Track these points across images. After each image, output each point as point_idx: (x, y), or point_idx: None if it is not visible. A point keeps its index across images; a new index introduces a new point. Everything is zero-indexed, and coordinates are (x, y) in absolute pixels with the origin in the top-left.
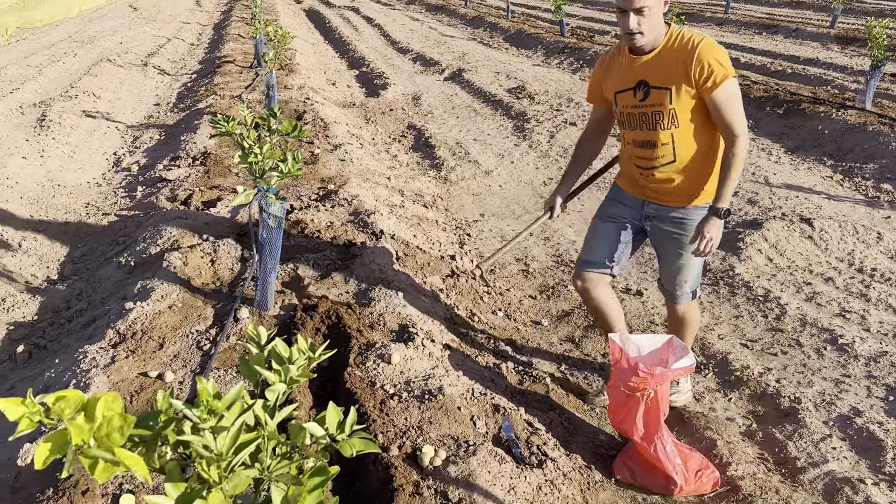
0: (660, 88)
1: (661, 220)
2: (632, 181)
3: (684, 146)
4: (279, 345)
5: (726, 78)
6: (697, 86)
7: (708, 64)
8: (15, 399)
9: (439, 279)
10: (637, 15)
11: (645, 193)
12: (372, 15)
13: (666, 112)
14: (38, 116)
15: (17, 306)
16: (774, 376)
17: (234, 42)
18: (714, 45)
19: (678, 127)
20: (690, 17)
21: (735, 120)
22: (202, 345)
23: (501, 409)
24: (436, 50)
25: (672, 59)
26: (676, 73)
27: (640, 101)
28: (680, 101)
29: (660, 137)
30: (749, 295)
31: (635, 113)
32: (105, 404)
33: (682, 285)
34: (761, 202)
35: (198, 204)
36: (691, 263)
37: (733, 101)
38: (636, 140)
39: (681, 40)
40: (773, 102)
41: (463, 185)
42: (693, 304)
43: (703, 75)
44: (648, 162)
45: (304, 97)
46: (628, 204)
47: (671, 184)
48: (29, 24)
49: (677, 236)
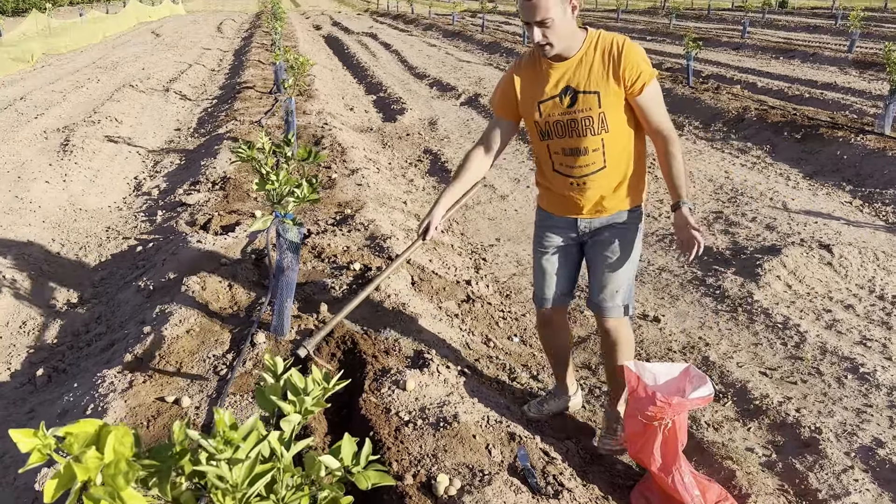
0: (587, 93)
1: (597, 232)
2: (560, 200)
3: (614, 151)
4: (295, 375)
5: (652, 77)
6: (626, 87)
7: (636, 64)
8: (27, 431)
9: (455, 304)
10: (541, 27)
11: (577, 210)
12: (390, 41)
13: (596, 116)
14: (62, 141)
15: (38, 330)
16: (794, 405)
17: (254, 68)
18: (637, 45)
19: (608, 131)
20: (707, 41)
21: (664, 118)
22: (219, 369)
23: (517, 437)
24: (452, 75)
25: (597, 62)
26: (603, 76)
27: (567, 107)
28: (609, 103)
29: (590, 143)
30: (768, 322)
31: (563, 120)
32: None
33: (613, 296)
34: (780, 228)
35: (217, 228)
36: (626, 269)
37: (659, 100)
38: (565, 149)
39: (603, 42)
40: (791, 127)
41: (479, 210)
42: (625, 322)
43: (633, 76)
44: (580, 170)
45: (323, 122)
46: (561, 226)
47: (603, 191)
48: (54, 50)
49: (609, 242)
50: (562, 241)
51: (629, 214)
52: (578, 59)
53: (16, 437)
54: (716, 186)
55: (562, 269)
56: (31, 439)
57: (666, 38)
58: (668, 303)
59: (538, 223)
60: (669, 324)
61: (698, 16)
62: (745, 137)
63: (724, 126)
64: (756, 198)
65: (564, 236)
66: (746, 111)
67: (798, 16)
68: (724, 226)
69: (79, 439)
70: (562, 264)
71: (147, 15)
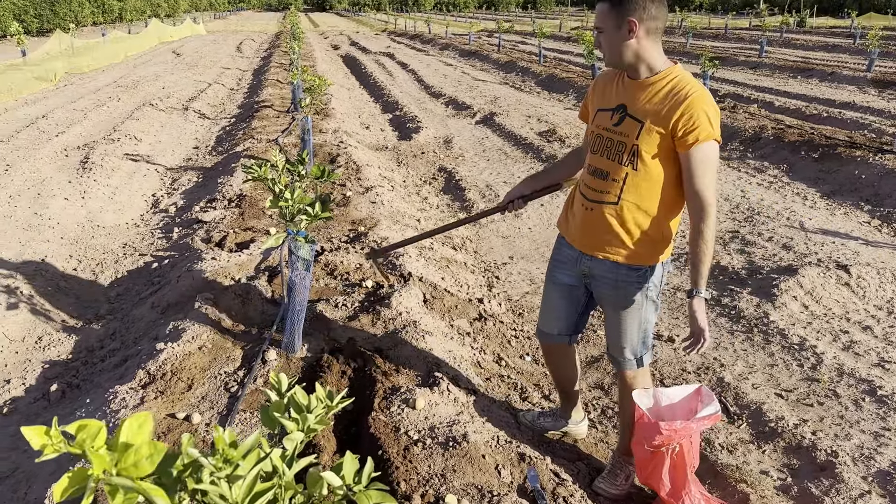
0: (633, 118)
1: (596, 280)
2: (570, 222)
3: (633, 195)
4: (298, 393)
5: (710, 138)
6: (675, 135)
7: (696, 116)
8: (39, 428)
9: (466, 322)
10: (597, 34)
11: (580, 241)
12: (406, 60)
13: (629, 146)
14: (81, 159)
15: (53, 345)
16: (810, 428)
17: (273, 87)
18: (710, 100)
19: (636, 170)
20: (724, 61)
21: (706, 186)
22: (230, 386)
23: (527, 457)
24: (468, 94)
25: (660, 96)
26: (656, 112)
27: (614, 124)
28: (647, 140)
29: (612, 171)
30: (784, 343)
31: (604, 136)
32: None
33: (622, 350)
34: (796, 248)
35: (231, 245)
36: (630, 326)
37: (710, 165)
38: (592, 166)
39: (677, 82)
40: (809, 146)
41: (492, 228)
42: (641, 375)
43: (687, 126)
44: (594, 193)
45: (339, 140)
46: (568, 263)
47: (605, 229)
48: (77, 69)
49: (611, 297)
50: (568, 279)
51: (634, 273)
52: (646, 84)
53: (28, 434)
54: (732, 205)
55: (564, 309)
56: (42, 437)
57: (683, 57)
58: (682, 323)
59: (553, 251)
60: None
61: (715, 35)
62: (761, 156)
63: (740, 145)
64: (773, 217)
65: (570, 274)
66: (763, 130)
67: (816, 35)
68: (741, 245)
69: (90, 434)
70: (564, 305)
71: (168, 35)
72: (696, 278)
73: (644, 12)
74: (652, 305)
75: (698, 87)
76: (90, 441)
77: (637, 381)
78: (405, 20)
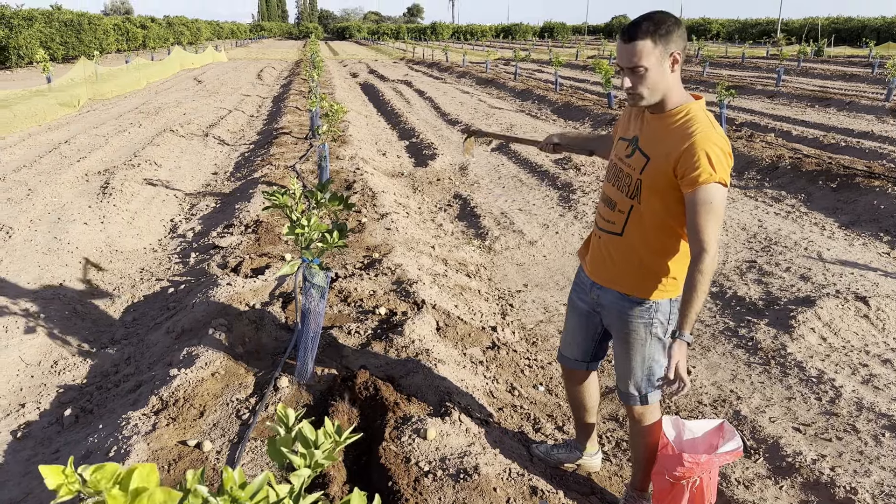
0: (642, 153)
1: (605, 308)
2: (587, 249)
3: (636, 228)
4: (305, 427)
5: (711, 181)
6: (677, 175)
7: (697, 158)
8: (56, 468)
9: (479, 351)
10: (632, 75)
11: (592, 270)
12: (424, 88)
13: (634, 180)
14: (102, 184)
15: (69, 369)
16: (829, 464)
17: (292, 114)
18: (716, 140)
19: (639, 204)
20: (741, 89)
21: (707, 229)
22: (241, 414)
23: (539, 491)
24: (484, 121)
25: (668, 132)
26: (661, 150)
27: (626, 156)
28: (650, 176)
29: (619, 201)
30: (802, 376)
31: (617, 165)
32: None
33: (626, 384)
34: (814, 278)
35: (247, 271)
36: (634, 360)
37: (709, 208)
38: (604, 194)
39: (686, 121)
40: (827, 176)
41: (507, 255)
42: (649, 411)
43: (686, 168)
44: (604, 222)
45: (355, 167)
46: (583, 289)
47: (611, 260)
48: (100, 95)
49: (617, 329)
50: (584, 306)
51: (637, 306)
52: (662, 118)
53: (45, 472)
54: (749, 235)
55: (579, 336)
56: (58, 476)
57: (699, 86)
58: (698, 353)
59: (576, 275)
60: (700, 375)
61: (732, 63)
62: (779, 186)
63: (757, 174)
64: (790, 247)
65: (586, 300)
66: (781, 159)
67: (834, 64)
68: (757, 275)
69: (106, 475)
70: (579, 331)
71: (190, 62)
72: (682, 321)
73: (683, 44)
74: (658, 343)
75: (706, 126)
76: (105, 482)
77: (646, 418)
78: (423, 48)
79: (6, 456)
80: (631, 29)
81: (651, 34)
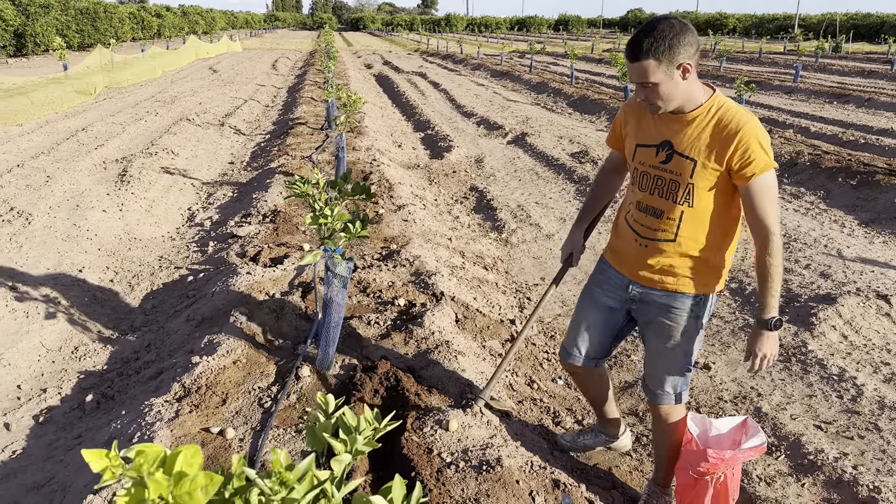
0: (684, 157)
1: (646, 305)
2: (620, 253)
3: (690, 230)
4: (347, 414)
5: (767, 168)
6: (732, 170)
7: (751, 149)
8: (99, 451)
9: (498, 343)
10: (643, 89)
11: (631, 271)
12: (439, 80)
13: (683, 184)
14: (120, 172)
15: (89, 355)
16: (851, 462)
17: (307, 105)
18: (760, 128)
19: (692, 206)
20: (759, 84)
21: (770, 214)
22: (263, 402)
23: (561, 484)
24: (500, 114)
25: (708, 131)
26: (707, 148)
27: (661, 162)
28: (702, 178)
29: (667, 209)
30: (823, 374)
31: (651, 174)
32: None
33: (663, 383)
34: (835, 276)
35: (266, 260)
36: (676, 356)
37: (770, 194)
38: (642, 203)
39: (724, 114)
40: (846, 173)
41: (524, 248)
42: (677, 410)
43: (743, 160)
44: (648, 231)
45: (371, 158)
46: (612, 285)
47: (660, 263)
48: (116, 83)
49: (661, 325)
50: (610, 302)
51: (690, 301)
52: (690, 119)
53: (88, 457)
54: None
55: (597, 331)
56: (102, 460)
57: (717, 81)
58: (718, 350)
59: (594, 272)
60: (720, 372)
61: (749, 59)
62: (798, 182)
63: (776, 170)
64: (810, 244)
65: (614, 296)
66: (799, 156)
67: (852, 60)
68: None
69: (148, 459)
70: (599, 327)
71: (205, 51)
72: (765, 308)
73: (693, 50)
74: (701, 335)
75: (746, 115)
76: (147, 466)
77: (672, 416)
78: (437, 40)
79: (28, 440)
80: (634, 48)
81: (653, 53)
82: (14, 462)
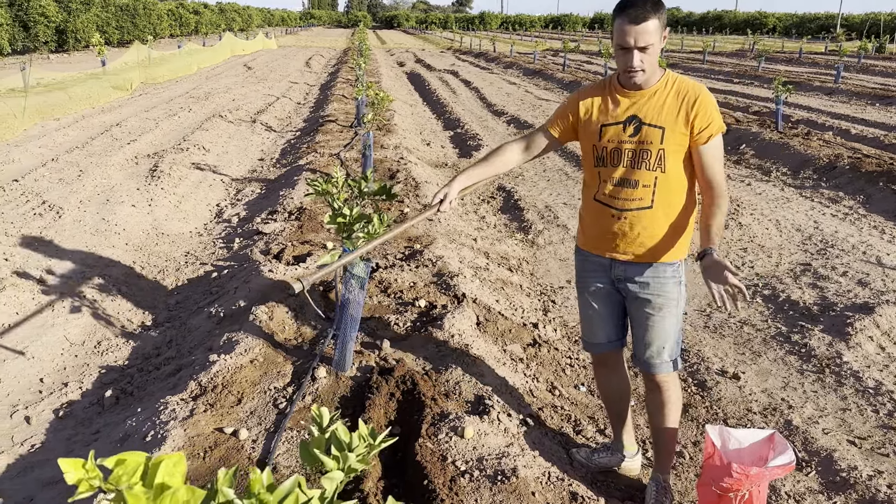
0: (653, 126)
1: (630, 282)
2: (596, 235)
3: (665, 194)
4: (340, 429)
5: (721, 129)
6: (692, 133)
7: (710, 112)
8: (76, 461)
9: (520, 348)
10: (641, 53)
11: (611, 248)
12: (470, 78)
13: (655, 151)
14: (151, 167)
15: (111, 350)
16: (886, 480)
17: (338, 102)
18: (711, 95)
19: (664, 172)
20: (798, 86)
21: (721, 174)
22: (278, 402)
23: (580, 497)
24: (530, 113)
25: (670, 100)
26: (673, 116)
27: (630, 135)
28: (672, 141)
29: (642, 178)
30: (858, 386)
31: (622, 148)
32: (167, 469)
33: (659, 352)
34: (873, 284)
35: (289, 258)
36: (669, 323)
37: (720, 156)
38: (616, 178)
39: (681, 84)
40: (888, 178)
41: (550, 250)
42: (673, 377)
43: (702, 124)
44: (624, 203)
45: (399, 157)
46: (598, 270)
47: (643, 232)
48: (152, 79)
49: (647, 296)
50: (603, 284)
51: (669, 268)
52: (652, 92)
53: (64, 466)
54: (804, 237)
55: (606, 314)
56: (78, 471)
57: (754, 81)
58: (749, 359)
59: (576, 268)
60: (750, 382)
61: (789, 59)
62: (836, 186)
63: (814, 173)
64: (847, 251)
65: (604, 279)
66: (839, 159)
67: None
68: (812, 279)
69: (128, 470)
70: (607, 310)
71: (241, 48)
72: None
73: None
74: (684, 298)
75: (699, 84)
76: (126, 478)
77: (671, 387)
78: (471, 38)
79: (48, 434)
80: (639, 10)
81: (656, 12)
82: (32, 456)
